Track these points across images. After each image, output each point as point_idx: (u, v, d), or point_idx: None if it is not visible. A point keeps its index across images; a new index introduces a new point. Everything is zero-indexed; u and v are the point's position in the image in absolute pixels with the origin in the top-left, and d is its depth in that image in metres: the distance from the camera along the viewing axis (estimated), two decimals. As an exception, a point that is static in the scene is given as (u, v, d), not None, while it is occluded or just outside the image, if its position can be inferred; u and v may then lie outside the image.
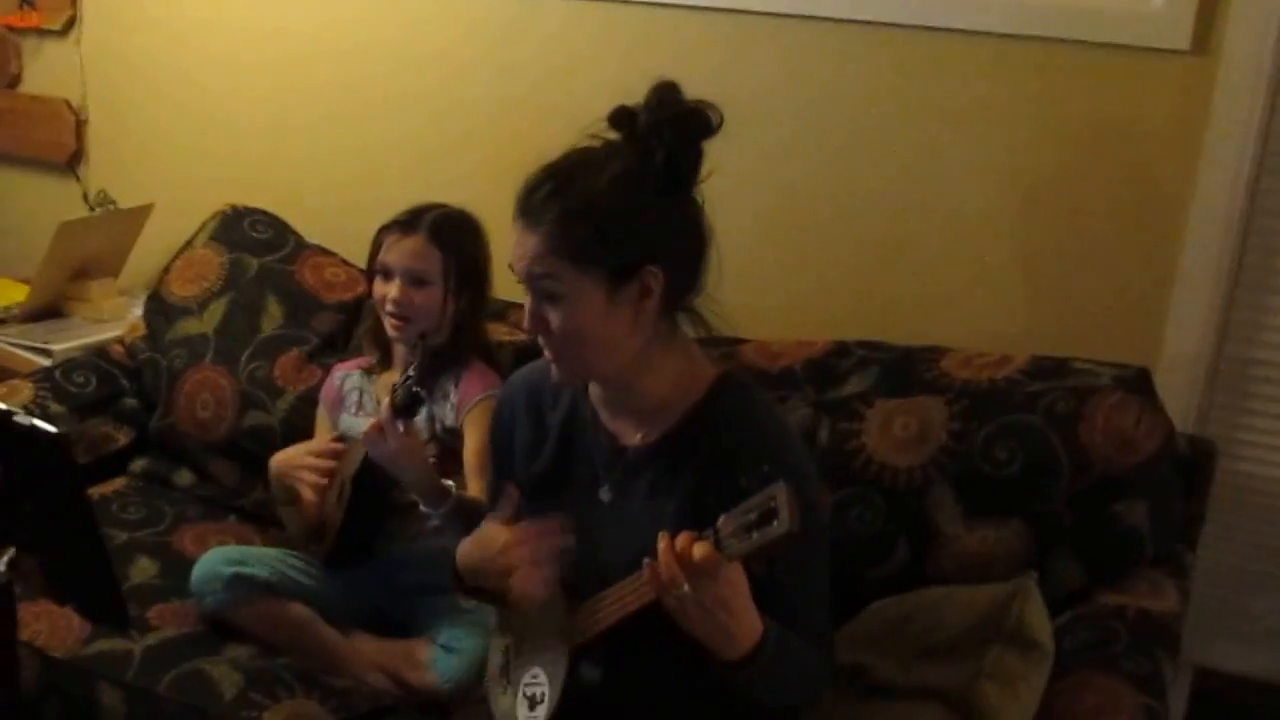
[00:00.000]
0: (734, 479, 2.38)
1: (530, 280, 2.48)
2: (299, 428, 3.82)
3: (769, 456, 2.46)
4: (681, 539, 2.24)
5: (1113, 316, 3.59)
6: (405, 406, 2.91)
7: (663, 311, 2.53)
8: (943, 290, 3.76)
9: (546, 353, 2.56)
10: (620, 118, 2.52)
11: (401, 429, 2.91)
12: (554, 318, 2.47)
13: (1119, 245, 3.55)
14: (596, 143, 2.53)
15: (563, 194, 2.45)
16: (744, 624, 2.29)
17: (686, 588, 2.21)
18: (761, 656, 2.31)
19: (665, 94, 2.51)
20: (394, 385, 2.97)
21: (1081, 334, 3.56)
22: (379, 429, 2.93)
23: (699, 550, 2.21)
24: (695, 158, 2.51)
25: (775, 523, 2.11)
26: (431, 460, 3.09)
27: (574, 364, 2.56)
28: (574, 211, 2.43)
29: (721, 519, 2.21)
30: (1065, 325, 3.61)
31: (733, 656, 2.30)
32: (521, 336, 3.78)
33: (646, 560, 2.27)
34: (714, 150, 2.54)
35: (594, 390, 2.71)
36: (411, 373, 2.91)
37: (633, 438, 2.64)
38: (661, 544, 2.24)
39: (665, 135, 2.46)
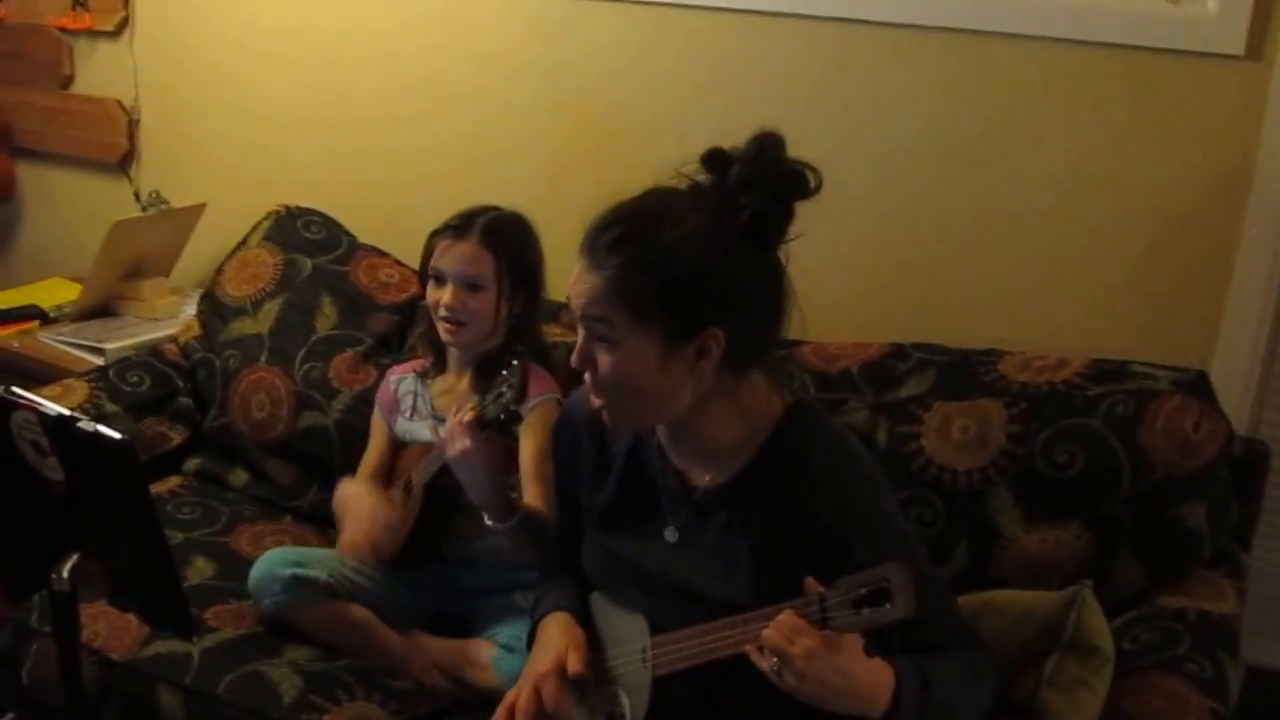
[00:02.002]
0: (810, 511, 2.35)
1: (584, 319, 2.35)
2: (354, 428, 3.75)
3: (842, 482, 2.39)
4: (782, 627, 2.15)
5: (1167, 318, 3.50)
6: (498, 423, 2.79)
7: (726, 368, 2.37)
8: (997, 292, 3.68)
9: (593, 396, 2.42)
10: (713, 160, 2.34)
11: (485, 436, 2.80)
12: (603, 361, 2.34)
13: (1174, 248, 3.47)
14: (681, 183, 2.37)
15: (632, 242, 2.30)
16: (870, 679, 2.18)
17: (792, 680, 2.13)
18: (905, 697, 2.20)
19: (765, 146, 2.32)
20: (485, 398, 2.84)
21: (1136, 336, 3.48)
22: (461, 429, 2.80)
23: (801, 646, 2.12)
24: (784, 218, 2.33)
25: (889, 605, 2.05)
26: None
27: (619, 411, 2.42)
28: (641, 263, 2.28)
29: (827, 591, 2.13)
30: (1120, 327, 3.53)
31: (877, 712, 2.18)
32: (574, 338, 3.68)
33: (750, 647, 2.21)
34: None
35: (659, 428, 2.56)
36: (506, 389, 2.77)
37: (701, 477, 2.52)
38: (769, 634, 2.15)
39: (756, 192, 2.28)
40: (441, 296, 3.34)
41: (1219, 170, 3.39)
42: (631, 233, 2.31)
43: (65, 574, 2.45)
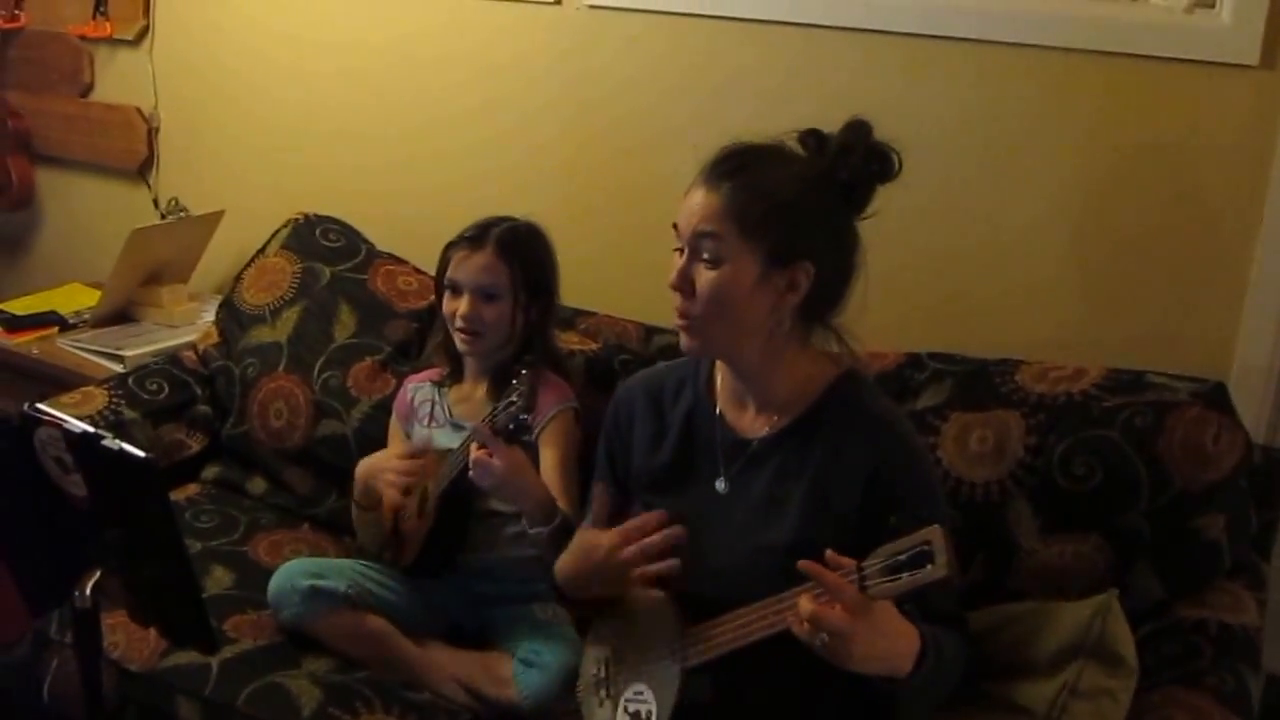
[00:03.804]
0: (860, 459, 2.48)
1: (694, 238, 2.48)
2: (373, 437, 3.69)
3: (886, 440, 2.52)
4: (820, 594, 2.18)
5: (1184, 328, 3.45)
6: (510, 433, 2.80)
7: (800, 315, 2.54)
8: (1013, 300, 3.63)
9: (679, 319, 2.54)
10: (809, 138, 2.57)
11: (505, 445, 2.82)
12: (703, 280, 2.47)
13: (1190, 257, 3.42)
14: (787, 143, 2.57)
15: (752, 168, 2.48)
16: (901, 643, 2.25)
17: (825, 638, 2.15)
18: (926, 662, 2.27)
19: (860, 128, 2.55)
20: (493, 410, 2.87)
21: (1153, 345, 3.42)
22: (487, 455, 2.83)
23: (839, 614, 2.14)
24: (870, 191, 2.56)
25: (930, 566, 2.05)
26: None
27: (703, 332, 2.53)
28: (757, 186, 2.46)
29: (864, 560, 2.15)
30: (1137, 336, 3.48)
31: (903, 673, 2.26)
32: (592, 345, 3.69)
33: (790, 615, 2.23)
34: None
35: (720, 385, 2.70)
36: (516, 398, 2.78)
37: (757, 431, 2.62)
38: (803, 600, 2.18)
39: (854, 160, 2.51)
40: (458, 307, 3.32)
41: (1234, 180, 3.34)
42: (749, 161, 2.50)
43: (87, 591, 2.44)
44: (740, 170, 2.47)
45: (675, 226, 2.52)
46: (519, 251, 3.35)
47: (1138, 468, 2.98)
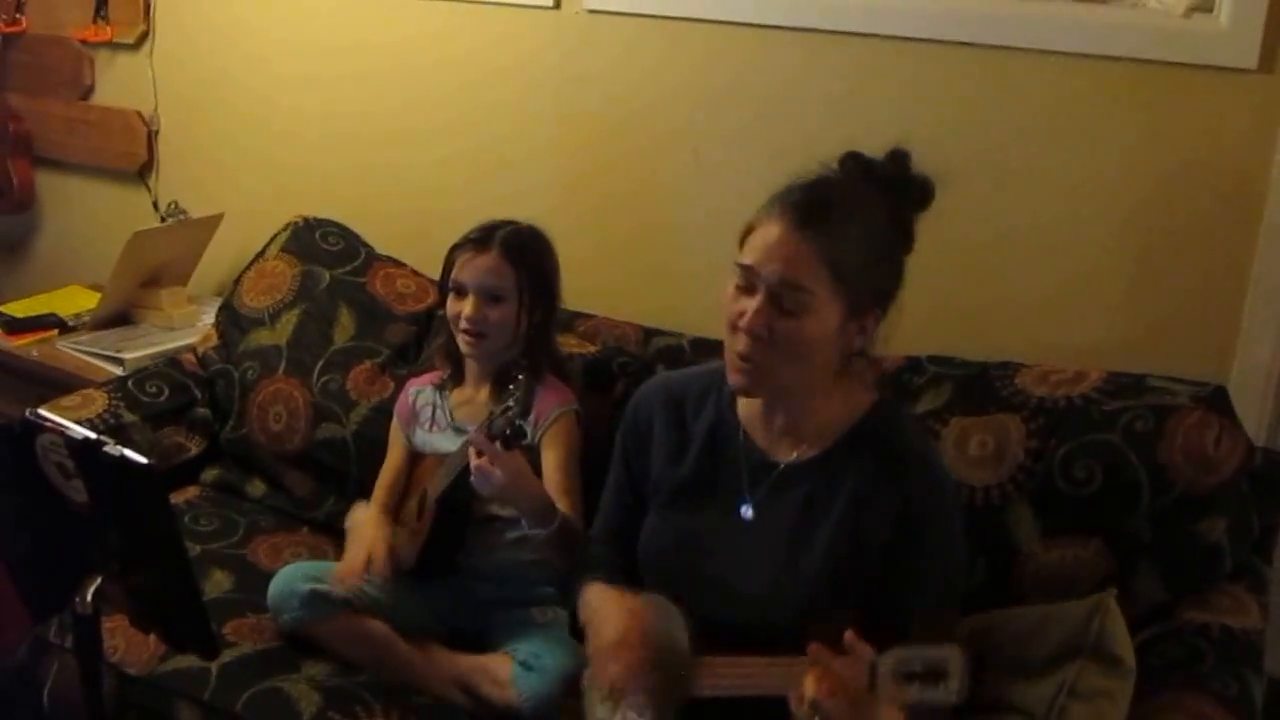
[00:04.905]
0: (894, 493, 2.43)
1: (778, 285, 2.37)
2: (372, 440, 3.67)
3: (921, 481, 2.46)
4: (825, 682, 2.12)
5: (1184, 330, 3.42)
6: (506, 439, 2.77)
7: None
8: (1011, 304, 3.61)
9: (739, 358, 2.43)
10: (849, 160, 2.51)
11: (504, 452, 2.79)
12: (781, 329, 2.38)
13: (1190, 260, 3.39)
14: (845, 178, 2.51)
15: (837, 213, 2.40)
16: None
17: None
18: None
19: (903, 159, 2.52)
20: (491, 414, 2.83)
21: (1153, 347, 3.40)
22: (489, 462, 2.78)
23: (840, 706, 2.10)
24: (915, 224, 2.54)
25: (942, 687, 2.01)
26: None
27: (767, 374, 2.44)
28: (849, 236, 2.39)
29: (882, 658, 2.07)
30: (1137, 339, 3.45)
31: None
32: (590, 348, 3.67)
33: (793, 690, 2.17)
34: (789, 163, 2.52)
35: (746, 406, 2.62)
36: (512, 404, 2.75)
37: (786, 455, 2.56)
38: (809, 680, 2.13)
39: (912, 195, 2.51)
40: (463, 308, 3.30)
41: (1233, 183, 3.32)
42: (832, 204, 2.41)
43: (88, 597, 2.41)
44: (827, 217, 2.38)
45: (744, 265, 2.41)
46: (524, 253, 3.33)
47: (1138, 471, 2.96)
